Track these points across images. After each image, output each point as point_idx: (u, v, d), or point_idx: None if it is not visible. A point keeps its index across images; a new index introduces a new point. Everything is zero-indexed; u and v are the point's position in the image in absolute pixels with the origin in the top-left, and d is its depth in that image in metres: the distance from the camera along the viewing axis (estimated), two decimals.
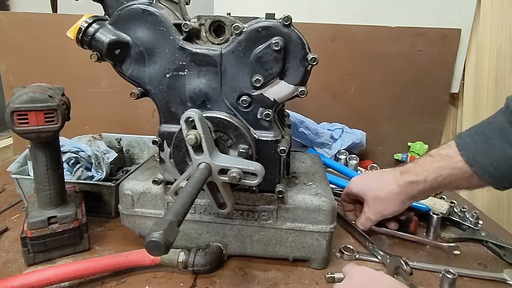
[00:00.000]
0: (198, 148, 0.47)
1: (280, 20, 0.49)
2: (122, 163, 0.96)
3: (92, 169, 0.82)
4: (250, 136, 0.54)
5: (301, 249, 0.60)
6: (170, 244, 0.33)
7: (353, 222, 0.72)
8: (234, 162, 0.47)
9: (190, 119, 0.47)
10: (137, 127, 1.12)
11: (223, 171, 0.47)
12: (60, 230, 0.59)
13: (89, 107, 1.15)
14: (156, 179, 0.58)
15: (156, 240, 0.32)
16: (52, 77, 1.12)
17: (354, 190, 0.70)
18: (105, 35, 0.52)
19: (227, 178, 0.46)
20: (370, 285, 0.47)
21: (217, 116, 0.52)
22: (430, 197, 0.83)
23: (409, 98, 1.13)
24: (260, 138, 0.55)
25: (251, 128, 0.55)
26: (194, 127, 0.47)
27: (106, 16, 0.54)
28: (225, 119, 0.52)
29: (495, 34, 1.09)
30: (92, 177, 0.81)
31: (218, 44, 0.55)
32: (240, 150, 0.52)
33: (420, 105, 1.13)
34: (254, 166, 0.47)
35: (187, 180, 0.46)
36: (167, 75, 0.54)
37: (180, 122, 0.48)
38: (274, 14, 0.50)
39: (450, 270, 0.57)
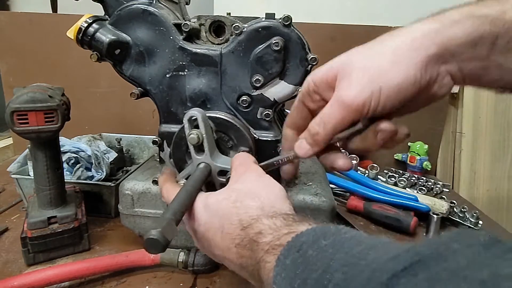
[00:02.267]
0: (199, 148, 0.47)
1: (280, 20, 0.49)
2: (122, 163, 0.96)
3: (92, 169, 0.82)
4: (252, 137, 0.54)
5: None
6: (168, 242, 0.33)
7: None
8: None
9: (193, 118, 0.47)
10: (137, 127, 1.12)
11: (223, 172, 0.47)
12: (60, 230, 0.59)
13: (89, 107, 1.15)
14: (156, 179, 0.58)
15: (153, 237, 0.32)
16: (52, 77, 1.12)
17: (319, 71, 0.37)
18: (105, 35, 0.52)
19: (225, 180, 0.46)
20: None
21: (219, 116, 0.52)
22: (430, 197, 0.83)
23: None
24: (260, 138, 0.55)
25: (251, 128, 0.55)
26: (197, 127, 0.47)
27: (106, 16, 0.54)
28: (227, 120, 0.52)
29: None
30: (92, 177, 0.81)
31: (218, 44, 0.55)
32: (241, 152, 0.52)
33: None
34: None
35: (185, 179, 0.46)
36: (167, 75, 0.54)
37: (183, 121, 0.48)
38: (274, 14, 0.50)
39: None
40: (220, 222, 0.36)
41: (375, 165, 1.00)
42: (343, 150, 0.41)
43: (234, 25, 0.51)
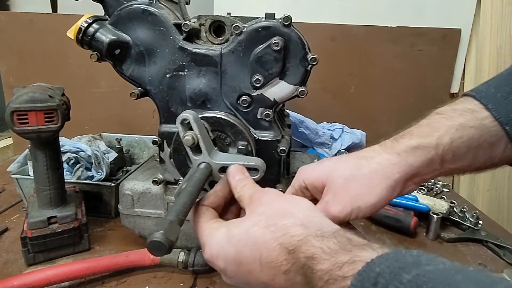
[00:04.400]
0: (196, 148, 0.47)
1: (280, 20, 0.49)
2: (122, 163, 0.96)
3: (92, 169, 0.82)
4: (248, 132, 0.54)
5: None
6: (172, 244, 0.33)
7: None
8: (233, 159, 0.47)
9: (186, 121, 0.47)
10: (137, 127, 1.12)
11: (224, 169, 0.47)
12: (60, 230, 0.59)
13: (89, 107, 1.15)
14: (156, 179, 0.58)
15: (158, 240, 0.32)
16: (52, 77, 1.12)
17: (310, 177, 0.44)
18: (105, 35, 0.52)
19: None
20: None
21: (213, 115, 0.53)
22: (430, 197, 0.83)
23: (409, 98, 1.13)
24: (260, 138, 0.55)
25: (251, 128, 0.55)
26: (190, 128, 0.47)
27: (106, 16, 0.54)
28: (221, 118, 0.52)
29: (495, 34, 1.09)
30: (92, 177, 0.81)
31: (218, 44, 0.55)
32: (239, 147, 0.52)
33: (420, 105, 1.13)
34: (254, 161, 0.47)
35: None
36: (167, 75, 0.54)
37: (176, 124, 0.48)
38: (274, 14, 0.50)
39: None
40: (254, 252, 0.33)
41: None
42: None
43: (234, 25, 0.51)
